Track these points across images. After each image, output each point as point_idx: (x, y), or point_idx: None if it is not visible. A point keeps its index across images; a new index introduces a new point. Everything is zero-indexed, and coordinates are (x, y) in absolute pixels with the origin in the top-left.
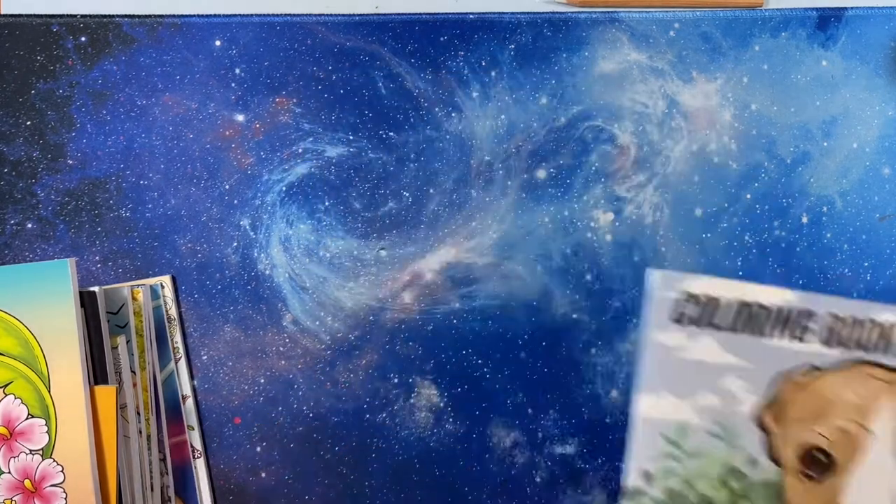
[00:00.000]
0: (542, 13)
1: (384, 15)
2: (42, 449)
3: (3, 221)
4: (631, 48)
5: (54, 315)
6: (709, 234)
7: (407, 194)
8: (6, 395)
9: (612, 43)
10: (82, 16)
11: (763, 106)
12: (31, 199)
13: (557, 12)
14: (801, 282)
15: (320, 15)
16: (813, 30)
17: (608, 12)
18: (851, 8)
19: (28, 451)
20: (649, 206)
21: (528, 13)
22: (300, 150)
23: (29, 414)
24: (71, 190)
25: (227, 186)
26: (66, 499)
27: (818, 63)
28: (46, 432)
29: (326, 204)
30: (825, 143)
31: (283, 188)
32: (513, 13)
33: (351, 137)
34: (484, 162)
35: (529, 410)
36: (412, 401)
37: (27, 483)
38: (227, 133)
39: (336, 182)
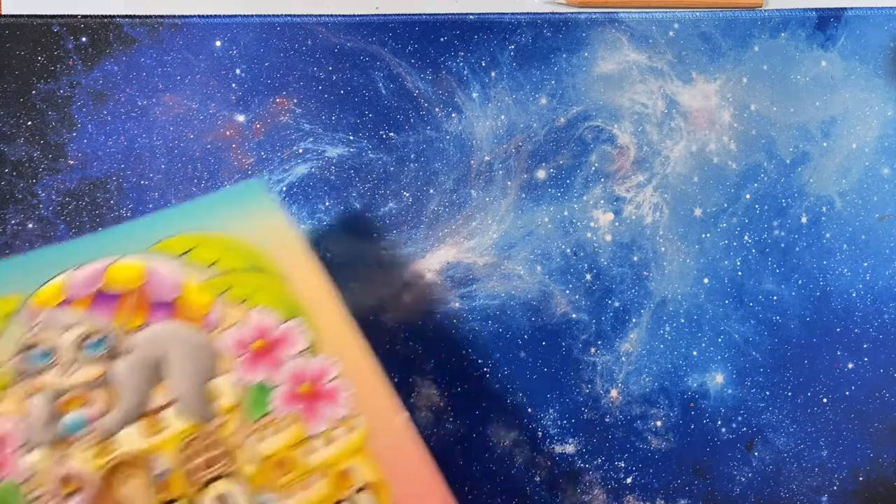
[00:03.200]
0: (542, 14)
1: (384, 15)
2: (308, 348)
3: (4, 221)
4: (630, 49)
5: (266, 222)
6: (708, 234)
7: (407, 194)
8: (250, 308)
9: (611, 43)
10: (83, 16)
11: (763, 106)
12: (31, 199)
13: (557, 13)
14: (800, 281)
15: (320, 15)
16: (812, 30)
17: (608, 13)
18: (851, 8)
19: (294, 355)
20: (649, 207)
21: (528, 13)
22: (300, 151)
23: (281, 319)
24: (72, 190)
25: (227, 186)
26: (349, 387)
27: (818, 63)
28: (306, 330)
29: (327, 204)
30: (825, 144)
31: (284, 188)
32: (513, 13)
33: (351, 138)
34: (484, 162)
35: (529, 410)
36: (412, 401)
37: (304, 388)
38: (228, 133)
39: (336, 182)
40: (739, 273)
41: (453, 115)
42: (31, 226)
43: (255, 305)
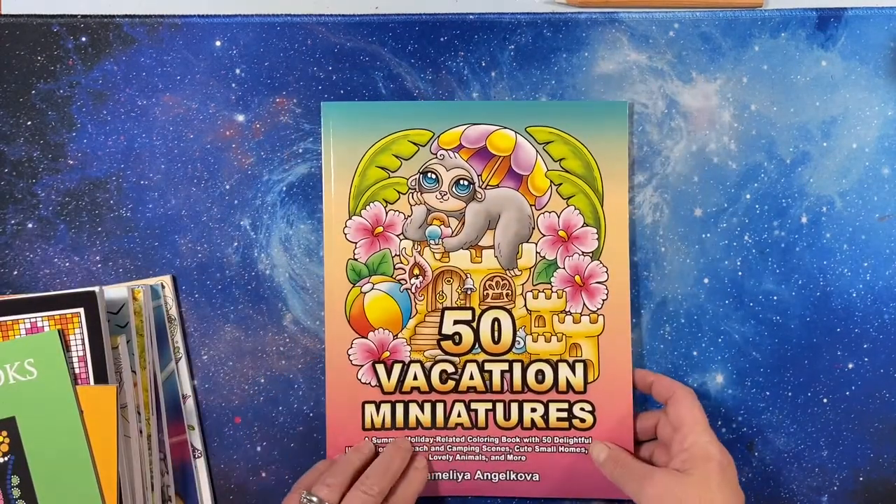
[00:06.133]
0: (542, 13)
1: (384, 15)
2: (592, 252)
3: (4, 221)
4: (631, 48)
5: (611, 146)
6: (709, 234)
7: None
8: (568, 205)
9: (611, 43)
10: (82, 16)
11: (763, 106)
12: (31, 199)
13: (557, 12)
14: (800, 282)
15: (320, 15)
16: (813, 30)
17: (608, 12)
18: (851, 8)
19: (580, 253)
20: (649, 206)
21: (528, 13)
22: (300, 150)
23: (584, 223)
24: (71, 190)
25: (227, 186)
26: (606, 293)
27: (818, 63)
28: (597, 239)
29: None
30: (825, 144)
31: (284, 188)
32: (513, 13)
33: None
34: None
35: None
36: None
37: (577, 279)
38: (228, 133)
39: None
40: (739, 273)
41: None
42: (31, 226)
43: (572, 205)
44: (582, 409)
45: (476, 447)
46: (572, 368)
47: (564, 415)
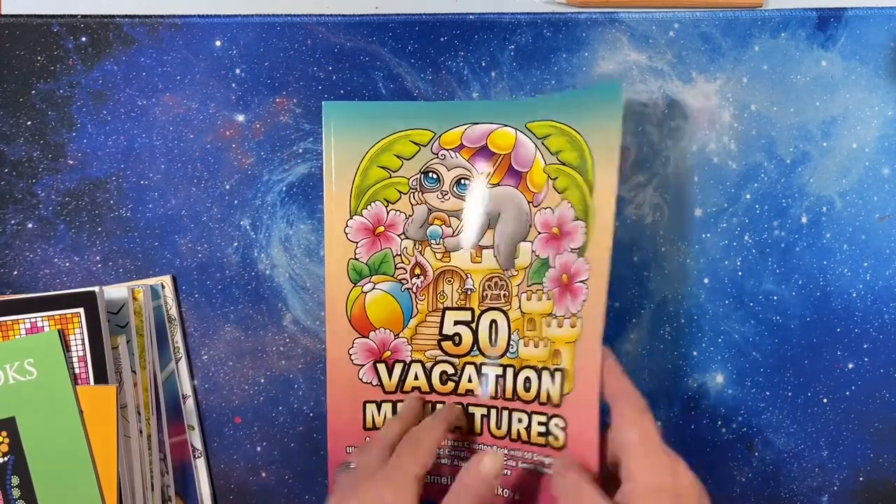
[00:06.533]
0: (542, 13)
1: (384, 15)
2: (579, 248)
3: (4, 221)
4: (631, 48)
5: (603, 131)
6: (709, 234)
7: None
8: (563, 200)
9: (611, 43)
10: (82, 16)
11: (763, 106)
12: (31, 199)
13: (557, 12)
14: (800, 282)
15: (320, 15)
16: (813, 30)
17: (608, 13)
18: (851, 8)
19: (570, 250)
20: (649, 206)
21: (528, 13)
22: (300, 150)
23: (575, 216)
24: (71, 190)
25: (227, 186)
26: (586, 293)
27: (818, 63)
28: (584, 233)
29: None
30: (825, 144)
31: (284, 188)
32: (513, 13)
33: None
34: None
35: None
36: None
37: (563, 277)
38: (228, 133)
39: None
40: (739, 273)
41: None
42: (31, 226)
43: (566, 199)
44: (556, 426)
45: (471, 454)
46: (552, 377)
47: (543, 429)
